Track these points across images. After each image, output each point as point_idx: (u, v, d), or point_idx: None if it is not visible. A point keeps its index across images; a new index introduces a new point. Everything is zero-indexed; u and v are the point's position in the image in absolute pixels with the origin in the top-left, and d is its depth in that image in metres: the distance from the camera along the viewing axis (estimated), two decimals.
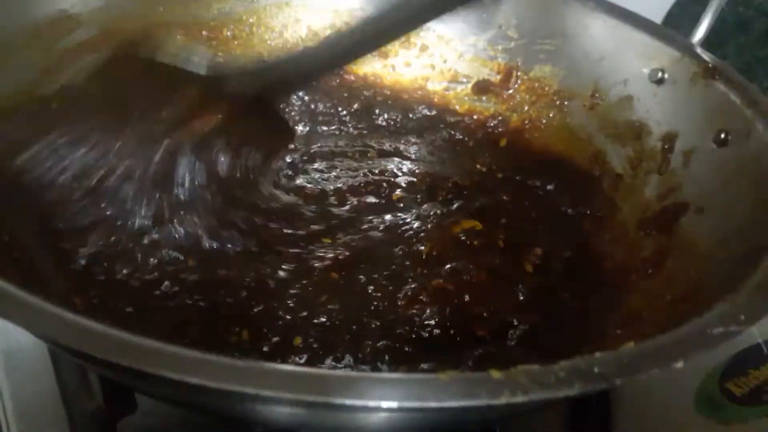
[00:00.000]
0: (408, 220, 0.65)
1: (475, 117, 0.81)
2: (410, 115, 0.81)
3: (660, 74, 0.68)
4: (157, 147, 0.55)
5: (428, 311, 0.53)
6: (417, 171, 0.74)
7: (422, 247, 0.60)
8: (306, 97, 0.80)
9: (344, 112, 0.80)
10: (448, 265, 0.58)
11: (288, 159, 0.71)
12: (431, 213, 0.66)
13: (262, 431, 0.53)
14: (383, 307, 0.53)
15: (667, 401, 0.62)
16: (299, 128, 0.77)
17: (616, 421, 0.61)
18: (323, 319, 0.52)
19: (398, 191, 0.69)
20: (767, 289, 0.41)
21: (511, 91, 0.80)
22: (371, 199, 0.67)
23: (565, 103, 0.76)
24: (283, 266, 0.56)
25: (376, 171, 0.72)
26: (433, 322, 0.52)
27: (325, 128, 0.76)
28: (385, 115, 0.81)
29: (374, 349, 0.48)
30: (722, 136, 0.61)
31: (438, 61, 0.82)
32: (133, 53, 0.60)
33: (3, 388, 0.56)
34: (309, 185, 0.68)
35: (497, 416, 0.42)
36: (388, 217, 0.65)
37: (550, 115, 0.77)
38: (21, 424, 0.53)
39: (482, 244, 0.62)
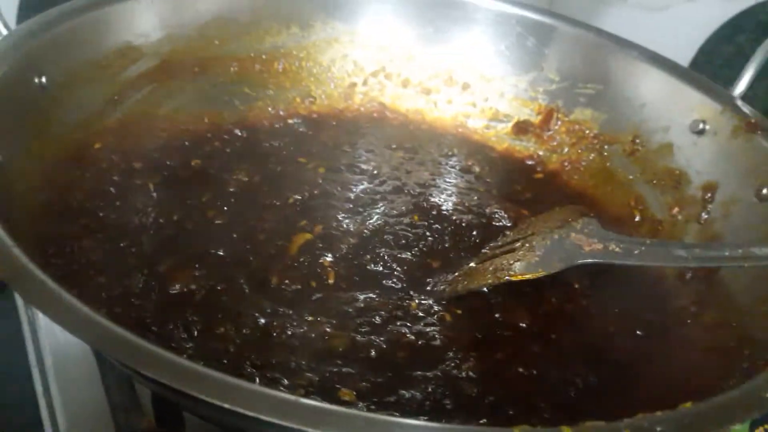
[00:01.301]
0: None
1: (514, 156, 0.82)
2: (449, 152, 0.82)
3: (701, 125, 0.70)
4: None
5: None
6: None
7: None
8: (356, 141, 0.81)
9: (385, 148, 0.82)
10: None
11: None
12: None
13: None
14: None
15: None
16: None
17: None
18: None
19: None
20: None
21: (551, 132, 0.81)
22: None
23: (605, 147, 0.77)
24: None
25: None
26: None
27: (363, 166, 0.77)
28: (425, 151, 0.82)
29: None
30: (764, 191, 0.62)
31: (479, 99, 0.84)
32: None
33: (56, 405, 0.57)
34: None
35: None
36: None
37: (590, 157, 0.78)
38: None
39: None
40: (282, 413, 0.32)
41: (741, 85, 0.71)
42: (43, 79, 0.59)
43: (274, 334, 0.55)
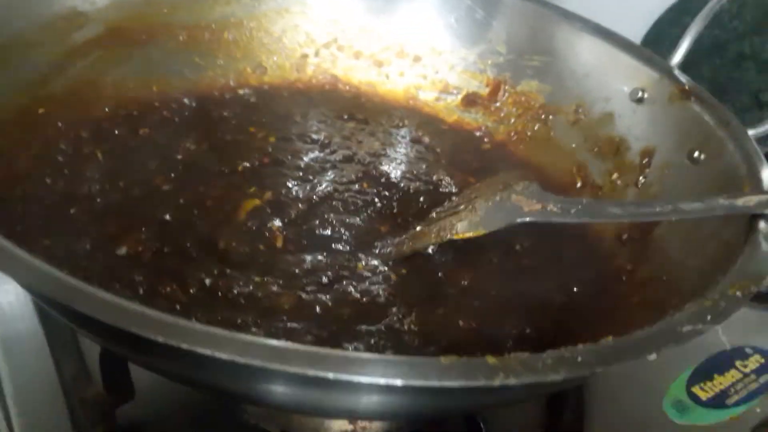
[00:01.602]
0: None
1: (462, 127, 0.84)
2: (400, 124, 0.84)
3: (640, 93, 0.72)
4: None
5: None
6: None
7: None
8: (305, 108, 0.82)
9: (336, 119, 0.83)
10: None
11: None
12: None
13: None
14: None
15: (638, 403, 0.65)
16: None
17: (590, 421, 0.64)
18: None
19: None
20: (732, 294, 0.44)
21: (498, 104, 0.83)
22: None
23: (550, 117, 0.79)
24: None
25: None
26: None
27: (315, 136, 0.78)
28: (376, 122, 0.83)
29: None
30: (696, 154, 0.65)
31: (430, 72, 0.86)
32: None
33: (3, 375, 0.57)
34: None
35: (487, 402, 0.45)
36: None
37: (536, 128, 0.80)
38: (21, 411, 0.54)
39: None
40: (216, 345, 0.33)
41: (678, 55, 0.74)
42: None
43: (221, 294, 0.56)
